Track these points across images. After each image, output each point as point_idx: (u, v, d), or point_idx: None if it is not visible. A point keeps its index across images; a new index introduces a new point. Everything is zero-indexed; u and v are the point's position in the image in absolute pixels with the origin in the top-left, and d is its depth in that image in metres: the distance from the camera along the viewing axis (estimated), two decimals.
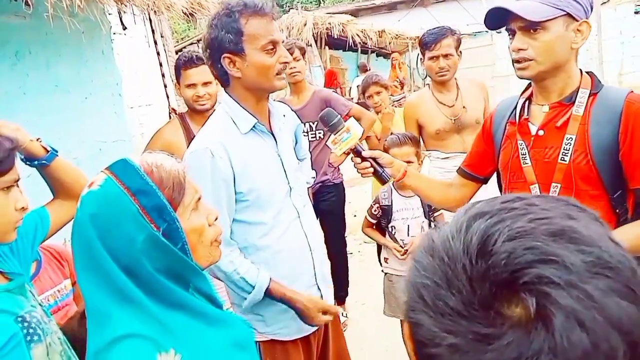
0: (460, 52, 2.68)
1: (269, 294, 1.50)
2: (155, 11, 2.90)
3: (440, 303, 0.42)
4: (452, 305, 0.42)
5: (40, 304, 1.19)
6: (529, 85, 1.48)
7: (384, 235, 2.48)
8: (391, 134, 2.84)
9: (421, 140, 2.80)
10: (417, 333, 0.45)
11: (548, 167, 1.36)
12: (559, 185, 1.34)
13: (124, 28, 3.31)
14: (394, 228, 2.40)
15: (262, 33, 1.42)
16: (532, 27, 1.30)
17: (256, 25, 1.42)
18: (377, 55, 12.84)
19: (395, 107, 4.66)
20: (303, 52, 3.14)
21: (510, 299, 0.40)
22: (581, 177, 1.32)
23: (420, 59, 2.79)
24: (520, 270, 0.40)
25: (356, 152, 1.55)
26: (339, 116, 1.54)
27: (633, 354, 0.40)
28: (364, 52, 12.03)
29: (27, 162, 1.26)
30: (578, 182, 1.32)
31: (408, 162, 2.35)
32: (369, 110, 3.26)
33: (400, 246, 2.38)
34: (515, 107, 1.48)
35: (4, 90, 2.47)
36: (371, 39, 10.05)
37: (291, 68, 3.03)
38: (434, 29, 2.68)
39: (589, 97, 1.34)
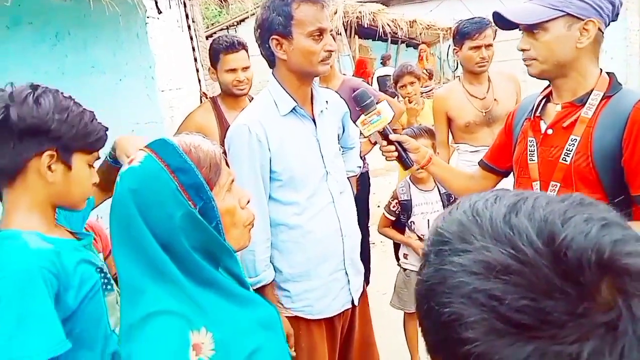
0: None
1: (261, 291, 1.55)
2: None
3: (553, 315, 0.37)
4: (565, 310, 0.37)
5: None
6: (550, 84, 1.49)
7: (402, 233, 2.47)
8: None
9: (450, 133, 2.79)
10: None
11: (550, 165, 1.38)
12: (558, 185, 1.36)
13: (159, 12, 3.36)
14: (413, 224, 2.40)
15: (311, 20, 1.47)
16: (533, 29, 1.33)
17: (306, 11, 1.47)
18: (407, 46, 12.69)
19: (424, 98, 4.61)
20: (332, 36, 3.13)
21: (609, 274, 0.38)
22: (581, 179, 1.32)
23: (454, 49, 2.75)
24: (598, 242, 0.39)
25: (384, 135, 1.58)
26: (372, 98, 1.56)
27: None
28: (394, 42, 11.90)
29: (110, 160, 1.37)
30: (577, 184, 1.33)
31: None
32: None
33: (411, 230, 2.38)
34: (534, 104, 1.50)
35: (45, 70, 2.56)
36: (402, 29, 9.94)
37: None
38: (473, 18, 2.63)
39: (602, 99, 1.34)
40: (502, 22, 1.40)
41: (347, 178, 1.83)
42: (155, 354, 0.78)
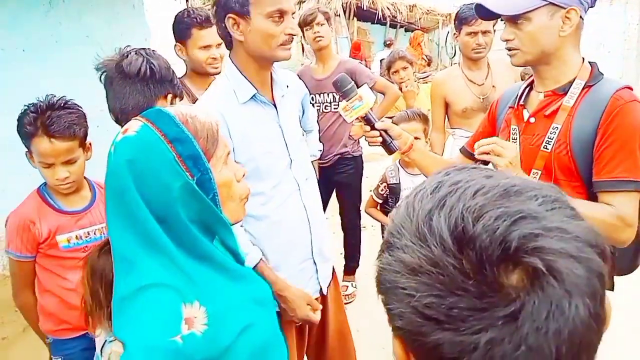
0: (495, 30, 2.61)
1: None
2: None
3: (455, 311, 0.41)
4: (466, 306, 0.41)
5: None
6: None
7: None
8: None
9: (447, 117, 2.78)
10: (438, 354, 0.43)
11: (532, 153, 1.39)
12: (539, 172, 1.37)
13: None
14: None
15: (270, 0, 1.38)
16: (515, 19, 1.33)
17: None
18: (406, 31, 12.56)
19: (419, 83, 4.58)
20: (327, 17, 3.06)
21: (512, 269, 0.41)
22: (560, 167, 1.34)
23: (454, 34, 2.73)
24: (505, 239, 0.41)
25: (367, 121, 1.56)
26: (353, 83, 1.53)
27: (605, 261, 0.43)
28: (393, 26, 11.77)
29: None
30: (557, 172, 1.35)
31: (415, 138, 2.33)
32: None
33: None
34: (518, 93, 1.51)
35: (38, 37, 2.50)
36: (401, 13, 9.83)
37: (315, 33, 2.98)
38: (472, 4, 2.61)
39: (583, 88, 1.35)
40: (484, 13, 1.39)
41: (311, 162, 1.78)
42: (147, 326, 0.78)
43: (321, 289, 1.69)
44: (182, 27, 2.15)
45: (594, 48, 9.60)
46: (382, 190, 2.47)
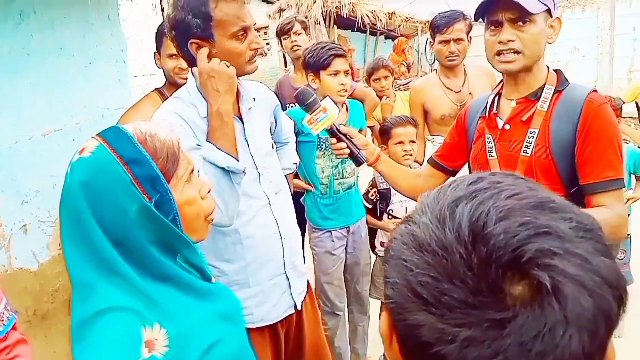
0: (471, 38, 2.64)
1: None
2: None
3: (446, 298, 0.41)
4: (459, 297, 0.40)
5: None
6: (501, 81, 1.51)
7: (380, 220, 2.47)
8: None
9: (426, 125, 2.79)
10: (417, 335, 0.42)
11: (511, 160, 1.40)
12: None
13: None
14: (392, 212, 2.40)
15: (232, 19, 1.34)
16: (522, 20, 1.32)
17: (226, 9, 1.33)
18: (386, 38, 12.66)
19: (401, 91, 4.59)
20: (305, 26, 3.08)
21: (517, 278, 0.39)
22: (542, 171, 1.36)
23: (430, 42, 2.75)
24: (521, 247, 0.40)
25: (332, 133, 1.55)
26: (315, 95, 1.52)
27: (620, 308, 0.41)
28: (373, 33, 11.86)
29: None
30: (539, 176, 1.35)
31: (412, 142, 2.34)
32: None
33: (391, 218, 2.37)
34: (487, 102, 1.51)
35: (8, 50, 2.44)
36: (381, 20, 9.91)
37: (292, 42, 2.99)
38: (447, 12, 2.64)
39: (554, 94, 1.38)
40: (483, 9, 1.37)
41: (285, 176, 1.75)
42: (106, 351, 0.75)
43: (295, 304, 1.65)
44: (157, 36, 2.18)
45: (569, 53, 9.79)
46: (372, 195, 2.48)
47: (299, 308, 1.66)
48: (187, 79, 2.07)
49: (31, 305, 2.51)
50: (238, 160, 1.36)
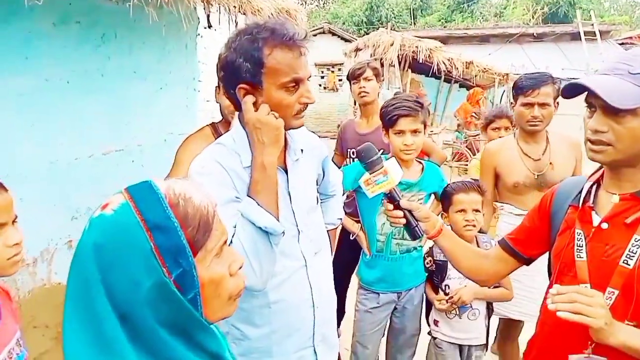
0: (558, 103, 2.41)
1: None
2: (243, 12, 2.87)
3: None
4: None
5: None
6: (600, 167, 1.28)
7: (436, 293, 2.22)
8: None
9: (496, 191, 2.56)
10: None
11: (606, 267, 1.16)
12: (616, 292, 1.14)
13: (210, 26, 3.31)
14: (448, 287, 2.16)
15: (285, 69, 1.25)
16: (618, 111, 1.10)
17: (280, 58, 1.24)
18: (460, 86, 12.42)
19: (469, 142, 4.35)
20: (376, 72, 2.99)
21: None
22: None
23: (511, 103, 2.54)
24: None
25: (390, 198, 1.40)
26: (379, 154, 1.38)
27: None
28: (447, 80, 11.67)
29: None
30: None
31: (476, 210, 2.12)
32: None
33: (445, 294, 2.12)
34: (581, 190, 1.28)
35: (84, 69, 2.51)
36: (457, 68, 9.69)
37: (360, 88, 2.91)
38: (534, 73, 2.43)
39: None
40: (571, 90, 1.20)
41: (327, 231, 1.60)
42: None
43: None
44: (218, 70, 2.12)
45: None
46: (427, 264, 2.24)
47: None
48: None
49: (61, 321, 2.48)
50: (278, 220, 1.25)
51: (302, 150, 1.46)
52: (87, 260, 0.68)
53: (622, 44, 17.05)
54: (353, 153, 2.97)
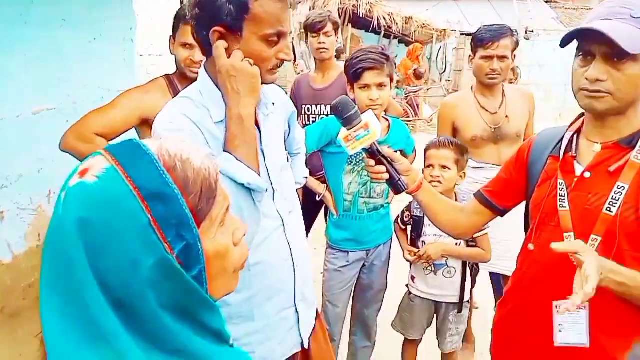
0: (515, 56, 2.42)
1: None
2: None
3: None
4: None
5: None
6: (580, 115, 1.29)
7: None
8: None
9: None
10: None
11: (589, 215, 1.18)
12: (599, 239, 1.16)
13: None
14: (424, 244, 2.16)
15: (271, 19, 1.15)
16: (618, 56, 1.09)
17: (268, 7, 1.14)
18: (399, 42, 12.44)
19: (410, 98, 4.34)
20: (336, 27, 2.85)
21: None
22: (626, 235, 1.13)
23: (469, 56, 2.53)
24: None
25: (371, 153, 1.34)
26: (356, 108, 1.30)
27: None
28: (387, 36, 11.63)
29: None
30: (621, 240, 1.13)
31: (444, 167, 2.11)
32: None
33: (415, 252, 2.14)
34: (561, 140, 1.29)
35: (4, 15, 2.18)
36: (397, 24, 9.68)
37: (320, 43, 2.77)
38: (493, 25, 2.41)
39: None
40: (570, 37, 1.17)
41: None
42: None
43: (302, 341, 1.45)
44: (175, 20, 1.93)
45: None
46: (406, 217, 2.26)
47: (306, 346, 1.47)
48: (198, 73, 1.87)
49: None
50: (260, 175, 1.17)
51: (273, 104, 1.37)
52: (69, 239, 0.56)
53: (548, 1, 17.76)
54: (308, 110, 2.87)
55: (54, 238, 0.58)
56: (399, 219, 2.30)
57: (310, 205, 2.61)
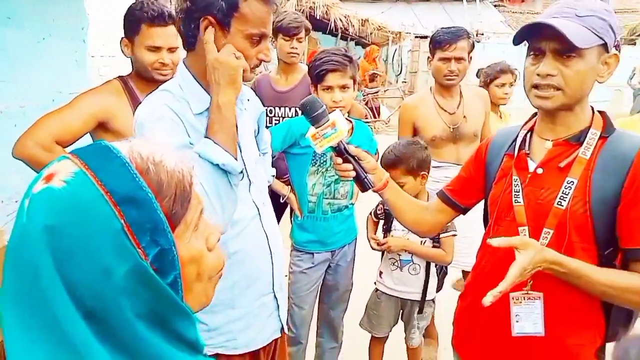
0: (471, 57, 2.49)
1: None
2: None
3: None
4: None
5: None
6: (534, 115, 1.35)
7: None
8: None
9: None
10: None
11: (541, 209, 1.24)
12: (551, 232, 1.22)
13: None
14: (392, 237, 2.22)
15: (256, 21, 1.24)
16: (567, 52, 1.14)
17: (255, 9, 1.23)
18: (356, 44, 12.59)
19: (368, 100, 4.39)
20: (308, 32, 2.86)
21: None
22: (575, 227, 1.19)
23: (428, 58, 2.58)
24: None
25: (338, 151, 1.36)
26: (324, 107, 1.33)
27: None
28: (344, 38, 11.74)
29: None
30: (571, 232, 1.19)
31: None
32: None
33: (378, 241, 2.21)
34: (516, 139, 1.35)
35: None
36: (353, 26, 9.78)
37: (292, 48, 2.75)
38: (450, 27, 2.48)
39: (598, 139, 1.21)
40: (522, 35, 1.21)
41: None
42: None
43: (282, 327, 1.52)
44: (131, 21, 1.83)
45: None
46: (379, 210, 2.32)
47: (286, 330, 1.58)
48: (166, 75, 1.82)
49: None
50: (236, 159, 1.22)
51: (248, 100, 1.44)
52: (35, 248, 0.52)
53: (496, 5, 18.44)
54: (270, 112, 2.85)
55: (17, 248, 0.55)
56: (373, 212, 2.36)
57: (275, 207, 2.59)
